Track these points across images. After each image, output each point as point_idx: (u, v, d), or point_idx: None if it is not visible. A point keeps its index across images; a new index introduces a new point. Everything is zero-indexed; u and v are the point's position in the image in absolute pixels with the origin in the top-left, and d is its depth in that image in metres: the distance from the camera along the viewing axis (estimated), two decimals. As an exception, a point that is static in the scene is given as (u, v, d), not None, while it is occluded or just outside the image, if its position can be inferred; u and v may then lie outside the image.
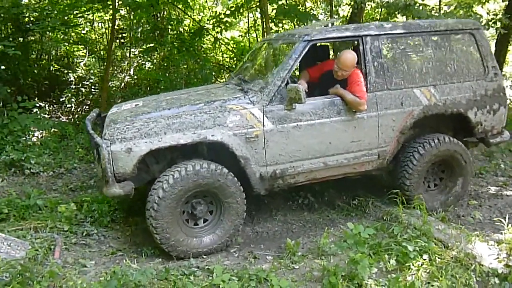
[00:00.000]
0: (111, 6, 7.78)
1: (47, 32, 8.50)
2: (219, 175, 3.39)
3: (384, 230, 3.62)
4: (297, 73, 4.87)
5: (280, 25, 8.66)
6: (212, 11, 10.33)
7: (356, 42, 3.99)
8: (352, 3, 7.60)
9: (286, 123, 3.57)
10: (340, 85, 3.80)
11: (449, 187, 4.30)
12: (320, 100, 3.76)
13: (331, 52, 5.63)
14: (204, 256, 3.48)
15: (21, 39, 7.83)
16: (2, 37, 8.07)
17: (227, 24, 8.15)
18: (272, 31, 7.78)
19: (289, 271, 3.18)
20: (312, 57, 4.29)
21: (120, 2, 7.91)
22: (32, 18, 7.70)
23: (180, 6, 8.84)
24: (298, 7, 8.18)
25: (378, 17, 9.12)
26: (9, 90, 6.83)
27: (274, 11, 7.88)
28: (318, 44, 4.25)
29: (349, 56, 3.77)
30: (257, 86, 3.74)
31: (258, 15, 9.72)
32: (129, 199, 3.48)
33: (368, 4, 7.79)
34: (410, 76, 3.97)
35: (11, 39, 7.58)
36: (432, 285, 2.86)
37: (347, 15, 9.60)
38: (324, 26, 4.56)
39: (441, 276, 2.92)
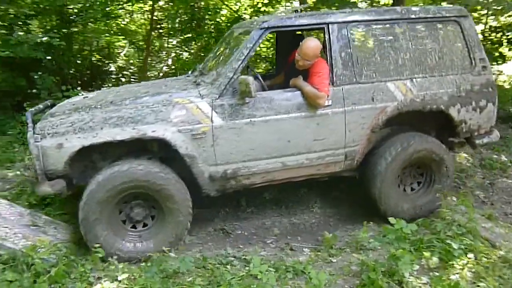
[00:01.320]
0: (150, -3, 7.89)
1: (89, 24, 8.75)
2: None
3: (426, 226, 3.50)
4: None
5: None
6: (249, 0, 10.26)
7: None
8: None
9: (238, 119, 3.24)
10: (304, 77, 3.46)
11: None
12: (277, 93, 3.41)
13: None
14: (241, 246, 3.49)
15: (65, 30, 8.08)
16: (47, 29, 8.38)
17: (265, 14, 8.06)
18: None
19: (327, 264, 3.14)
20: (291, 50, 4.02)
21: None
22: (75, 10, 7.92)
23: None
24: (338, -5, 7.95)
25: (422, 4, 8.75)
26: (54, 80, 7.10)
27: (313, -1, 7.72)
28: (298, 34, 4.02)
29: (311, 44, 3.42)
30: (210, 78, 3.49)
31: (295, 4, 9.58)
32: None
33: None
34: (383, 68, 3.57)
35: (55, 30, 7.86)
36: (478, 286, 2.74)
37: (388, 3, 9.29)
38: (292, 12, 4.15)
39: (488, 277, 2.78)
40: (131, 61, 10.49)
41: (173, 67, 9.83)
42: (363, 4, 9.62)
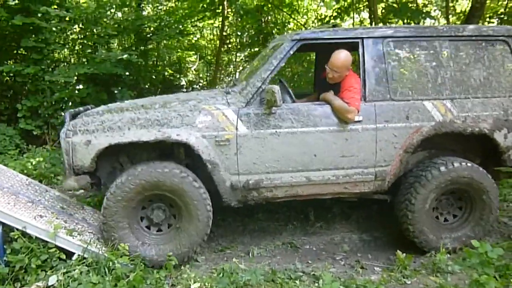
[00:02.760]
0: (221, 14, 8.18)
1: (164, 41, 9.28)
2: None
3: (513, 250, 3.22)
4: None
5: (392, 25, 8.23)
6: (316, 13, 10.27)
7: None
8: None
9: (263, 129, 3.21)
10: (335, 92, 3.39)
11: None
12: (305, 105, 3.37)
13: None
14: (310, 261, 3.45)
15: (142, 47, 8.66)
16: (125, 47, 9.02)
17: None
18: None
19: (400, 285, 3.01)
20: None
21: (229, 10, 8.28)
22: (152, 28, 8.45)
23: (285, 10, 8.96)
24: (409, 5, 7.70)
25: (503, 11, 8.19)
26: (131, 94, 7.59)
27: (383, 10, 7.55)
28: None
29: (340, 55, 3.34)
30: (239, 87, 3.46)
31: (364, 15, 9.42)
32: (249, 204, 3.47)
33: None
34: (421, 86, 3.41)
35: (133, 48, 8.44)
36: None
37: (464, 11, 8.82)
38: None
39: None
40: (201, 75, 10.93)
41: (240, 80, 10.06)
42: (437, 13, 9.24)
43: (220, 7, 8.49)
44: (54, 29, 6.99)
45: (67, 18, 7.10)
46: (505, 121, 3.44)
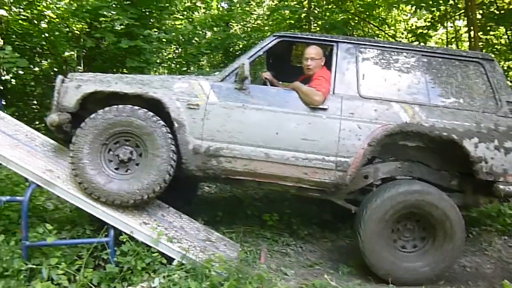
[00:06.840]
0: (307, 30, 8.25)
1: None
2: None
3: None
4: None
5: (492, 33, 7.57)
6: (406, 24, 9.90)
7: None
8: None
9: (231, 101, 3.48)
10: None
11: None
12: (275, 88, 3.75)
13: None
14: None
15: (230, 64, 9.07)
16: (214, 64, 9.51)
17: (426, 37, 7.63)
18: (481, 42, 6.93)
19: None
20: None
21: (315, 25, 8.35)
22: (240, 46, 8.82)
23: (373, 22, 8.79)
24: (514, 11, 7.07)
25: None
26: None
27: (483, 18, 7.03)
28: None
29: (312, 46, 3.72)
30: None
31: (458, 24, 8.87)
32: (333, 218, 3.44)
33: None
34: (390, 89, 3.55)
35: (222, 65, 8.88)
36: None
37: None
38: None
39: None
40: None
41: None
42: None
43: (307, 24, 8.58)
44: (154, 49, 7.60)
45: (164, 40, 7.69)
46: (476, 132, 3.41)
